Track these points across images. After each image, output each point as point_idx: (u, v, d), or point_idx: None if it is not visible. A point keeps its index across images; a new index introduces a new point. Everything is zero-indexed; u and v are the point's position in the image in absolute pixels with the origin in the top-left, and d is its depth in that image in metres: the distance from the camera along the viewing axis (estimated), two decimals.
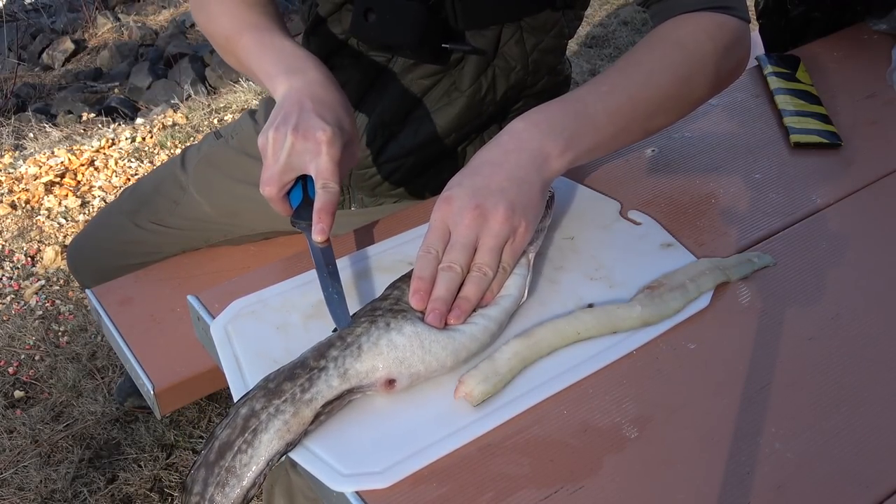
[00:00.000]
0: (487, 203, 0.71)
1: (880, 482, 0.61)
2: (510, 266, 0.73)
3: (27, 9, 4.31)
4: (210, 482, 0.61)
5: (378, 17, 0.93)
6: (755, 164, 0.94)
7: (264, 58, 0.85)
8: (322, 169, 0.75)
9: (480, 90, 0.99)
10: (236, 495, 0.61)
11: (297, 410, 0.62)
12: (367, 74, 1.01)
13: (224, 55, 0.94)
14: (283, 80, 0.81)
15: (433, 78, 0.99)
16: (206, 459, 0.62)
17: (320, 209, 0.74)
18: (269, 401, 0.63)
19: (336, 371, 0.65)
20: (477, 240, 0.71)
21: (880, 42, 1.19)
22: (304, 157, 0.75)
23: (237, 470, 0.61)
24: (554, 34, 0.99)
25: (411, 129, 1.01)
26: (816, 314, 0.75)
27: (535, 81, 1.02)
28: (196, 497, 0.61)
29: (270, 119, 0.78)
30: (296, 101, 0.78)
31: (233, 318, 0.74)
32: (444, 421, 0.65)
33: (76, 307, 2.02)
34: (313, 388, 0.63)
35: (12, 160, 2.65)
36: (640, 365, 0.70)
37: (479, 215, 0.70)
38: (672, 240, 0.82)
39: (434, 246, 0.71)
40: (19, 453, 1.65)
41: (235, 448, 0.61)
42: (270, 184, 0.76)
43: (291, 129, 0.75)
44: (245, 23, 0.89)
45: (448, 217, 0.72)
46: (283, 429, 0.62)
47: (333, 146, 0.75)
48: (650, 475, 0.62)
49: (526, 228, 0.72)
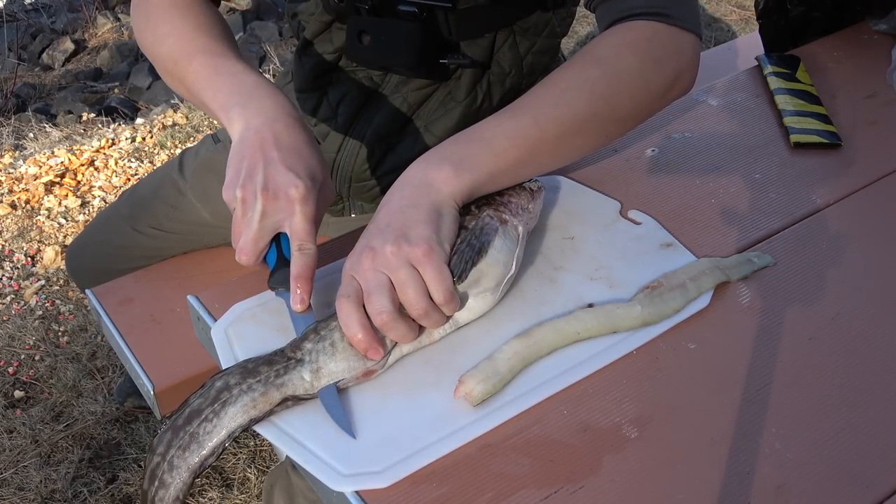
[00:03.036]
0: (376, 243, 0.68)
1: (880, 482, 0.62)
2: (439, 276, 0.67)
3: (27, 9, 4.31)
4: (173, 444, 0.64)
5: (373, 38, 0.91)
6: (755, 164, 0.94)
7: (217, 86, 0.78)
8: (297, 230, 0.70)
9: (477, 99, 0.98)
10: (194, 461, 0.63)
11: (266, 391, 0.65)
12: (362, 90, 1.00)
13: (171, 81, 0.87)
14: (238, 116, 0.75)
15: (429, 89, 0.98)
16: (175, 423, 0.64)
17: (298, 275, 0.69)
18: (243, 378, 0.65)
19: (309, 366, 0.66)
20: (387, 278, 0.67)
21: (880, 42, 1.19)
22: (277, 217, 0.70)
23: (200, 437, 0.63)
24: (547, 34, 0.98)
25: (409, 140, 1.01)
26: (816, 314, 0.75)
27: (530, 84, 1.02)
28: (158, 457, 0.64)
29: (233, 168, 0.72)
30: (258, 146, 0.72)
31: (233, 322, 0.74)
32: (444, 421, 0.65)
33: (76, 307, 2.02)
34: (286, 376, 0.66)
35: (12, 160, 2.65)
36: (640, 365, 0.70)
37: (372, 256, 0.67)
38: (672, 239, 0.82)
39: (346, 292, 0.67)
40: (19, 453, 1.65)
41: (203, 416, 0.64)
42: (246, 253, 0.71)
43: (261, 190, 0.69)
44: (195, 47, 0.83)
45: (350, 269, 0.69)
46: (250, 405, 0.64)
47: (307, 203, 0.70)
48: (650, 475, 0.62)
49: (423, 248, 0.67)
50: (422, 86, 0.98)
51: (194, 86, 0.81)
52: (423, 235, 0.68)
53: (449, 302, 0.68)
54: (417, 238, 0.67)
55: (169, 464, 0.63)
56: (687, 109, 1.04)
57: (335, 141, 1.02)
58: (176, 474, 0.63)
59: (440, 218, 0.70)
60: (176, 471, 0.63)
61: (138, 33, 0.91)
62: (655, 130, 1.00)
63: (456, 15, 0.90)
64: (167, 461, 0.63)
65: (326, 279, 0.78)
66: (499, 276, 0.72)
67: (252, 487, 1.58)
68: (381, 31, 0.91)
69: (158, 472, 0.63)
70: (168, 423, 0.65)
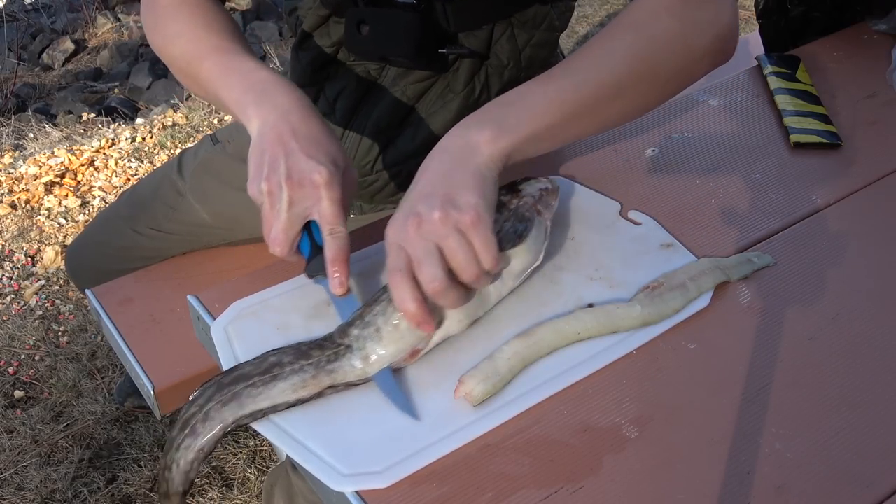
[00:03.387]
0: (422, 209, 0.67)
1: (880, 482, 0.62)
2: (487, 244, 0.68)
3: (27, 9, 4.31)
4: (214, 398, 0.65)
5: (371, 29, 0.91)
6: (755, 164, 0.94)
7: (231, 84, 0.79)
8: (326, 215, 0.71)
9: (475, 91, 0.98)
10: (229, 417, 0.65)
11: (317, 374, 0.67)
12: (360, 84, 1.00)
13: (185, 80, 0.88)
14: (254, 111, 0.75)
15: (427, 82, 0.99)
16: (221, 381, 0.67)
17: (333, 259, 0.71)
18: (296, 359, 0.68)
19: (359, 353, 0.68)
20: (436, 246, 0.67)
21: (880, 42, 1.19)
22: (304, 204, 0.71)
23: (242, 398, 0.65)
24: (545, 28, 0.98)
25: (408, 133, 1.01)
26: (816, 314, 0.75)
27: (528, 76, 1.02)
28: (195, 407, 0.66)
29: (255, 163, 0.73)
30: (277, 139, 0.73)
31: (233, 320, 0.74)
32: (444, 421, 0.65)
33: (76, 307, 2.02)
34: (336, 363, 0.68)
35: (12, 160, 2.65)
36: (640, 365, 0.70)
37: (418, 223, 0.67)
38: (672, 240, 0.82)
39: (397, 265, 0.67)
40: (19, 453, 1.65)
41: (251, 381, 0.66)
42: (279, 244, 0.72)
43: (285, 179, 0.70)
44: (207, 46, 0.83)
45: (396, 237, 0.68)
46: (300, 385, 0.66)
47: (333, 187, 0.71)
48: (650, 475, 0.62)
49: (472, 215, 0.66)
50: (420, 78, 0.98)
51: (209, 84, 0.82)
52: (471, 202, 0.67)
53: (496, 267, 0.68)
54: (465, 205, 0.67)
55: (205, 414, 0.65)
56: (687, 109, 1.04)
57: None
58: (209, 425, 0.65)
59: (484, 182, 0.69)
60: (210, 422, 0.65)
61: (149, 34, 0.91)
62: (655, 130, 1.00)
63: (454, 5, 0.91)
64: (204, 412, 0.65)
65: None
66: (525, 264, 0.74)
67: (252, 487, 1.58)
68: (381, 20, 0.91)
69: (192, 421, 0.65)
70: (214, 379, 0.67)
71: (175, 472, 0.65)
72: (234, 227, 1.22)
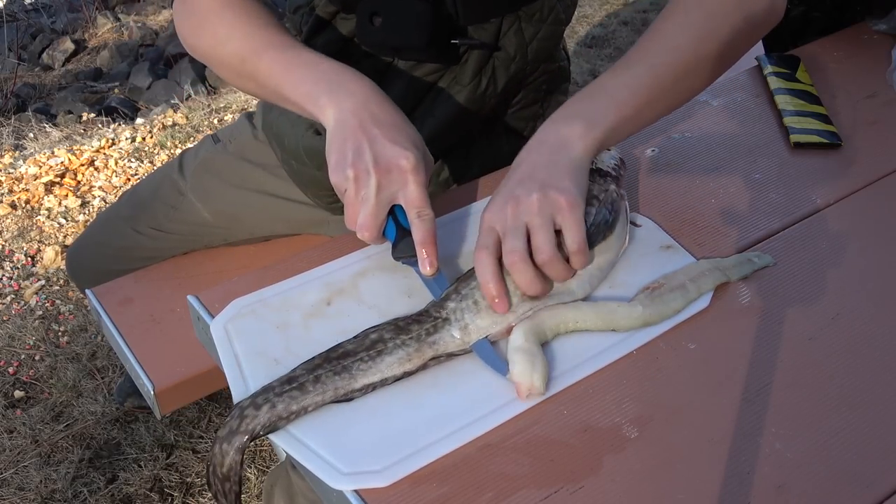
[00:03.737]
0: (520, 192, 0.71)
1: (880, 482, 0.62)
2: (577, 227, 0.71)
3: (27, 9, 4.31)
4: (325, 367, 0.67)
5: (384, 20, 0.92)
6: (755, 164, 0.94)
7: (297, 78, 0.80)
8: (413, 198, 0.73)
9: (481, 83, 0.99)
10: (341, 388, 0.66)
11: (419, 347, 0.69)
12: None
13: (238, 80, 0.88)
14: (328, 102, 0.77)
15: (435, 75, 0.99)
16: (329, 355, 0.69)
17: (423, 240, 0.73)
18: (396, 334, 0.70)
19: (457, 324, 0.70)
20: (525, 224, 0.70)
21: (880, 42, 1.19)
22: (391, 189, 0.73)
23: (353, 371, 0.67)
24: (551, 21, 0.99)
25: (415, 126, 1.01)
26: (816, 314, 0.75)
27: (533, 70, 1.03)
28: (304, 372, 0.67)
29: (337, 151, 0.74)
30: (358, 127, 0.74)
31: (233, 318, 0.74)
32: (444, 421, 0.65)
33: (76, 307, 2.02)
34: (436, 335, 0.70)
35: (12, 160, 2.65)
36: (640, 365, 0.70)
37: (515, 205, 0.71)
38: (672, 242, 0.82)
39: (485, 243, 0.71)
40: (19, 453, 1.65)
41: (357, 357, 0.68)
42: (368, 228, 0.73)
43: (373, 165, 0.72)
44: (260, 43, 0.84)
45: (491, 219, 0.72)
46: (405, 358, 0.68)
47: (419, 172, 0.73)
48: (650, 475, 0.62)
49: (568, 198, 0.71)
50: (428, 72, 0.99)
51: (270, 80, 0.82)
52: (568, 187, 0.71)
53: (579, 252, 0.71)
54: (563, 188, 0.71)
55: (315, 377, 0.66)
56: (687, 109, 1.04)
57: None
58: (319, 388, 0.66)
59: (580, 172, 0.73)
60: (321, 385, 0.66)
61: (190, 40, 0.91)
62: (655, 130, 1.00)
63: None
64: (314, 375, 0.66)
65: (327, 277, 0.78)
66: (617, 248, 0.77)
67: (252, 487, 1.58)
68: (393, 11, 0.92)
69: (302, 380, 0.66)
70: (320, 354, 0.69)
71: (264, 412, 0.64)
72: (235, 226, 1.22)
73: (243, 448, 0.64)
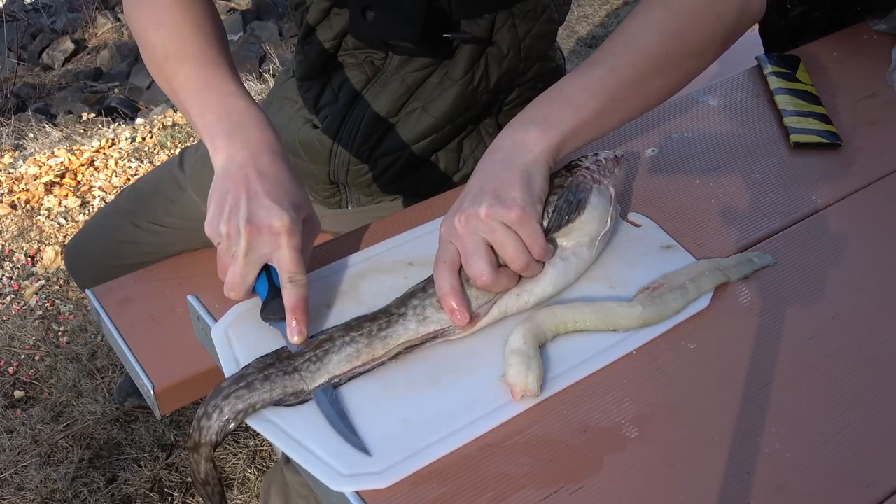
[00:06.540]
0: (469, 205, 0.71)
1: (880, 482, 0.62)
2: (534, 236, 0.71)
3: (27, 9, 4.31)
4: (276, 367, 0.67)
5: (377, 14, 0.92)
6: (755, 164, 0.94)
7: (205, 104, 0.78)
8: (285, 262, 0.70)
9: (473, 79, 0.99)
10: (290, 388, 0.66)
11: (369, 343, 0.69)
12: (362, 73, 1.02)
13: (155, 73, 0.85)
14: (223, 145, 0.75)
15: (427, 70, 1.00)
16: (280, 354, 0.69)
17: (293, 307, 0.69)
18: (346, 332, 0.70)
19: (415, 317, 0.70)
20: (483, 240, 0.70)
21: (880, 42, 1.19)
22: (262, 250, 0.71)
23: (302, 372, 0.67)
24: (545, 19, 0.99)
25: (407, 121, 1.02)
26: (816, 314, 0.75)
27: (526, 69, 1.03)
28: (255, 369, 0.67)
29: (216, 203, 0.73)
30: (243, 180, 0.72)
31: (234, 322, 0.74)
32: (444, 421, 0.65)
33: (76, 307, 2.02)
34: (389, 329, 0.70)
35: (12, 160, 2.65)
36: (640, 365, 0.70)
37: (466, 220, 0.70)
38: (672, 241, 0.82)
39: (443, 257, 0.71)
40: (19, 453, 1.65)
41: (306, 357, 0.68)
42: (234, 288, 0.71)
43: (245, 224, 0.70)
44: (190, 47, 0.81)
45: (447, 233, 0.72)
46: (353, 355, 0.68)
47: (293, 235, 0.70)
48: (650, 475, 0.62)
49: (517, 211, 0.70)
50: (421, 67, 0.99)
51: (182, 92, 0.80)
52: (516, 198, 0.71)
53: (545, 256, 0.72)
54: (510, 200, 0.70)
55: (265, 376, 0.66)
56: (687, 109, 1.04)
57: (334, 123, 1.03)
58: (268, 385, 0.66)
59: (531, 178, 0.73)
60: (269, 383, 0.66)
61: (129, 10, 0.88)
62: (655, 130, 1.00)
63: None
64: (264, 374, 0.66)
65: (326, 280, 0.78)
66: (593, 232, 0.76)
67: (252, 487, 1.58)
68: (386, 5, 0.92)
69: (251, 378, 0.66)
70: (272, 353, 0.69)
71: (215, 420, 0.65)
72: None
73: (210, 457, 0.66)
